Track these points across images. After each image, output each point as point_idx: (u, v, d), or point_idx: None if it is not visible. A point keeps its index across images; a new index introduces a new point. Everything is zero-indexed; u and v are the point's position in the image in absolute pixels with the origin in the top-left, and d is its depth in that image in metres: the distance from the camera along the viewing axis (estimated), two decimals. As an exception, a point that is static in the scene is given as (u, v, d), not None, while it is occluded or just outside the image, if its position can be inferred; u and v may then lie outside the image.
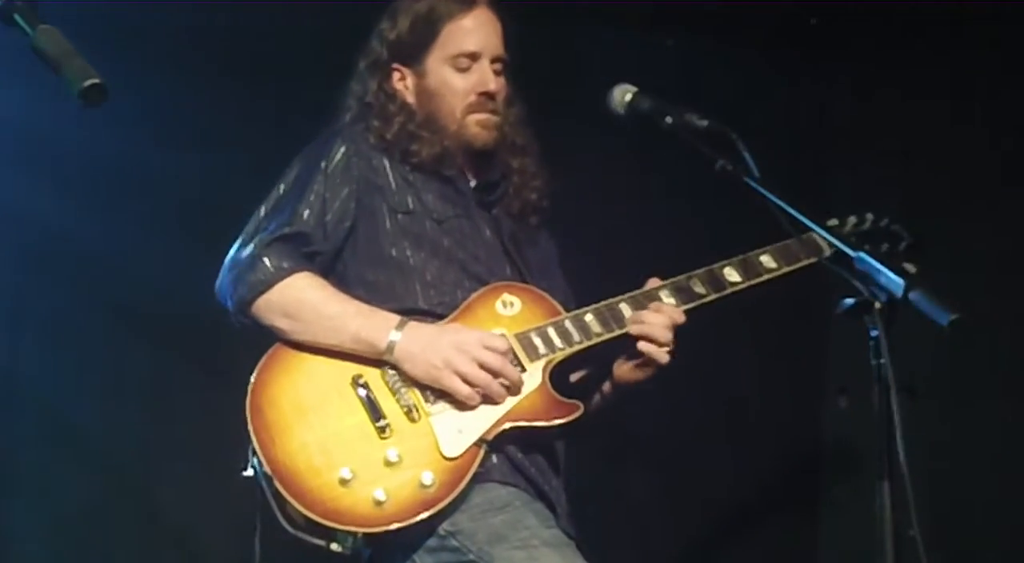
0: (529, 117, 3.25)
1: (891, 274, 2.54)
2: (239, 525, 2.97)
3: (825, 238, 2.84)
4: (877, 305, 2.56)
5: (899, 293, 2.52)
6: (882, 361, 2.54)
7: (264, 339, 2.96)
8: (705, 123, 2.91)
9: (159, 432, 4.10)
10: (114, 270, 4.05)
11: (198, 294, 3.71)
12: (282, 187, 3.06)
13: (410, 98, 3.17)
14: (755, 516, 4.82)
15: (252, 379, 2.89)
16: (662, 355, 3.01)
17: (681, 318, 3.04)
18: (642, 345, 3.02)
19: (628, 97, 3.05)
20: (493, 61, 3.15)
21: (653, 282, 3.12)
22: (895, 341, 2.54)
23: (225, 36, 4.17)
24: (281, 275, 2.92)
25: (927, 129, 4.62)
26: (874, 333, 2.56)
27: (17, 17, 2.19)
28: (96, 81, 2.11)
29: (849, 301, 2.61)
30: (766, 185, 2.77)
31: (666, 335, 3.01)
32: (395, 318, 2.92)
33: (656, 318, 3.02)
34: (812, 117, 4.93)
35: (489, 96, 3.13)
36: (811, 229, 2.80)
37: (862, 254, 2.62)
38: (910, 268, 2.70)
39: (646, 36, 4.63)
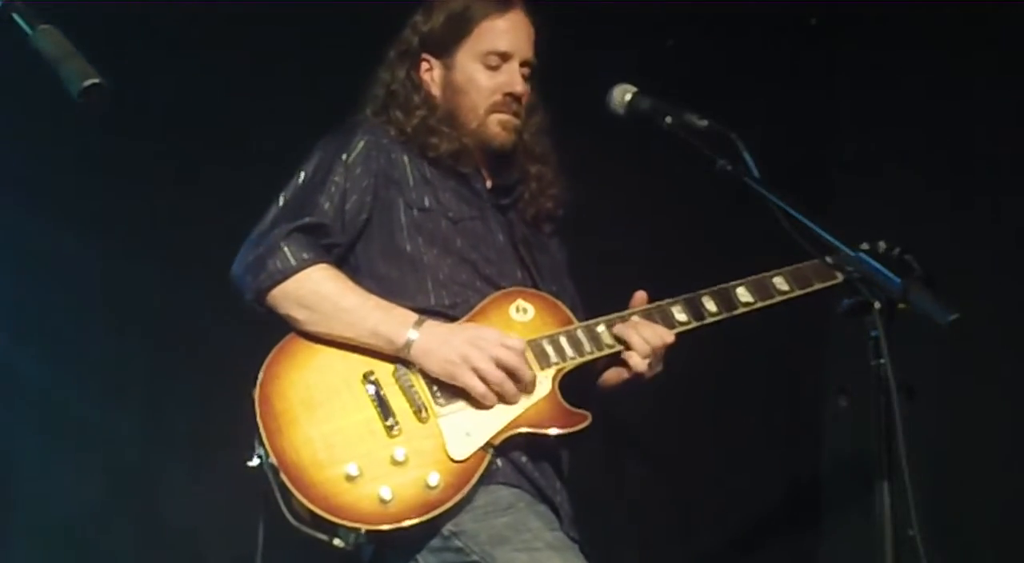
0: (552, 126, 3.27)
1: (890, 274, 2.54)
2: (239, 525, 2.96)
3: (824, 237, 2.83)
4: (877, 305, 2.56)
5: (898, 293, 2.52)
6: (882, 361, 2.54)
7: (268, 336, 2.96)
8: (705, 123, 2.91)
9: (159, 432, 4.09)
10: (114, 269, 4.04)
11: (199, 293, 3.72)
12: (302, 176, 3.06)
13: (435, 90, 3.18)
14: (756, 517, 4.81)
15: (262, 370, 2.89)
16: (640, 364, 3.01)
17: (669, 338, 3.04)
18: (625, 353, 3.03)
19: (628, 97, 3.05)
20: (522, 64, 3.17)
21: (640, 296, 3.11)
22: (895, 341, 2.54)
23: (228, 34, 4.18)
24: (300, 266, 2.92)
25: (927, 129, 4.62)
26: (874, 333, 2.56)
27: (16, 17, 2.18)
28: (96, 81, 2.10)
29: (849, 301, 2.61)
30: (766, 185, 2.77)
31: (644, 347, 3.01)
32: (413, 316, 2.92)
33: (644, 331, 3.02)
34: (812, 117, 4.93)
35: (514, 97, 3.15)
36: (809, 227, 2.79)
37: (861, 254, 2.62)
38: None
39: (646, 36, 4.62)
